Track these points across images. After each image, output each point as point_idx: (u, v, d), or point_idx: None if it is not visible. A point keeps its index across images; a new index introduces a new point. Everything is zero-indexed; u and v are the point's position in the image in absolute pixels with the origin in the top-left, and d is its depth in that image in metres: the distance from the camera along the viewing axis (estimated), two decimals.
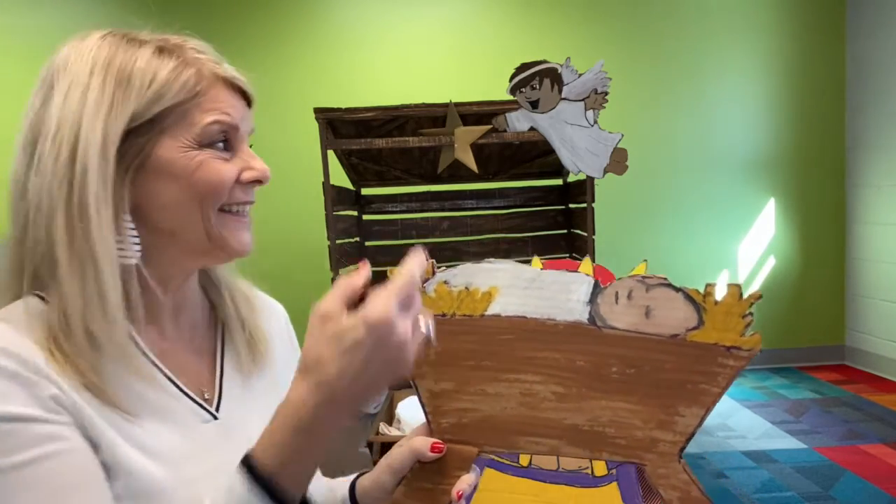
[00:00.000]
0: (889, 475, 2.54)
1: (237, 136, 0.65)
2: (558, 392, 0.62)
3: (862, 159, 4.00)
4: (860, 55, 3.97)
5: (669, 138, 4.06)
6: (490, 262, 0.63)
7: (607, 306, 0.61)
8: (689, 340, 0.60)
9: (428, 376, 0.65)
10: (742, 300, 0.58)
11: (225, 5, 3.91)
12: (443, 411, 0.65)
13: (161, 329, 0.67)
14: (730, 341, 0.59)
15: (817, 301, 4.18)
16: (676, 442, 0.61)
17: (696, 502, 0.60)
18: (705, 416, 0.61)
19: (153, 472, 0.58)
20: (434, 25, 4.01)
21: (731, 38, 4.06)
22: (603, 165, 1.53)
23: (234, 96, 0.65)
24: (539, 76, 1.48)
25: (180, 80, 0.61)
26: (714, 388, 0.60)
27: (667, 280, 0.60)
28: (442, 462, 0.64)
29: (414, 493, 0.65)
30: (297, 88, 3.90)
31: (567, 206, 2.97)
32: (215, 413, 0.67)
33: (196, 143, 0.62)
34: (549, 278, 0.62)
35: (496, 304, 0.63)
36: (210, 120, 0.62)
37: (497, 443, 0.64)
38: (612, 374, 0.61)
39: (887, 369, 3.84)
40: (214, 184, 0.63)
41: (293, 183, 3.19)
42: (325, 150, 2.11)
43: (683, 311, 0.59)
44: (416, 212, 2.99)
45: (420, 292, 0.60)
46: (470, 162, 1.81)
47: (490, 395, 0.64)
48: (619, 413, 0.62)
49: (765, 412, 3.33)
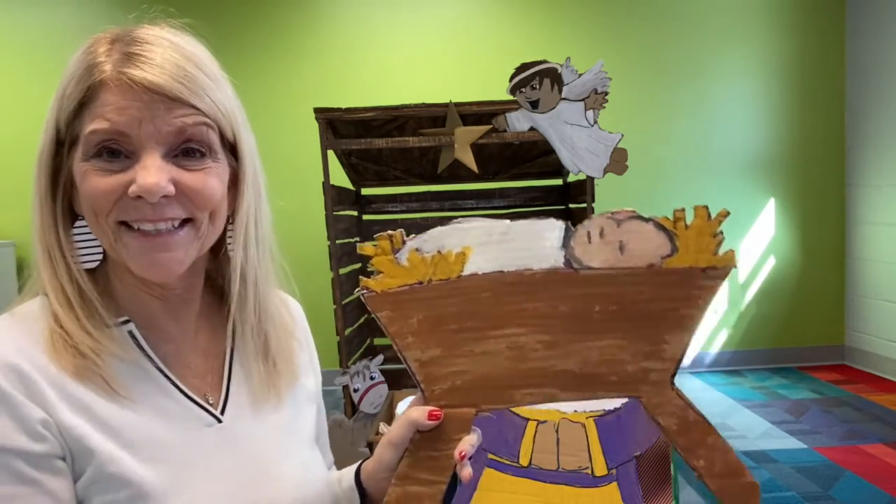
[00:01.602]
0: (889, 475, 2.54)
1: (135, 143, 0.57)
2: (545, 340, 0.63)
3: (862, 159, 4.00)
4: (860, 55, 3.97)
5: (669, 138, 4.06)
6: (459, 223, 0.63)
7: (581, 248, 0.61)
8: (666, 268, 0.61)
9: (414, 346, 0.64)
10: (711, 220, 0.60)
11: (225, 6, 3.91)
12: (434, 378, 0.64)
13: (163, 330, 0.67)
14: (705, 262, 0.60)
15: (817, 301, 4.18)
16: (666, 369, 0.62)
17: (694, 425, 0.61)
18: (689, 339, 0.62)
19: (151, 479, 0.58)
20: (434, 26, 4.01)
21: (731, 39, 4.06)
22: (603, 165, 1.53)
23: (131, 95, 0.56)
24: (539, 76, 1.48)
25: (78, 88, 0.58)
26: (695, 312, 0.61)
27: (636, 212, 0.62)
28: (441, 428, 0.64)
29: (419, 462, 0.64)
30: (297, 88, 3.90)
31: (567, 206, 2.97)
32: (219, 417, 0.66)
33: (84, 154, 0.58)
34: (520, 228, 0.62)
35: (471, 263, 0.62)
36: (88, 130, 0.57)
37: (493, 400, 0.64)
38: (595, 313, 0.62)
39: (887, 369, 3.84)
40: (90, 201, 0.58)
41: (293, 183, 3.19)
42: (325, 150, 2.11)
43: (656, 240, 0.61)
44: (416, 212, 2.99)
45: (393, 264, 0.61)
46: (470, 162, 1.81)
47: (478, 354, 0.63)
48: (608, 351, 0.62)
49: (765, 412, 3.33)
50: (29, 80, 3.81)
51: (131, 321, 0.64)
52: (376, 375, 2.00)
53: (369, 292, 0.63)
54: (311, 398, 0.79)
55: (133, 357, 0.62)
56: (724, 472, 0.60)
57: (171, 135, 0.58)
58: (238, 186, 0.66)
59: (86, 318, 0.60)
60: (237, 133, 0.65)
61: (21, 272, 3.81)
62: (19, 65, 3.88)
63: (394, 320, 0.63)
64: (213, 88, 0.61)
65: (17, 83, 3.87)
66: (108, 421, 0.58)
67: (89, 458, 0.56)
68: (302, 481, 0.69)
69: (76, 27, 3.81)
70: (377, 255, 0.63)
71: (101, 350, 0.59)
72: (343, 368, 2.06)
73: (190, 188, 0.59)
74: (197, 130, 0.59)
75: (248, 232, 0.67)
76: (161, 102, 0.57)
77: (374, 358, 2.02)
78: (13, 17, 3.87)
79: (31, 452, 0.54)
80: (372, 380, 1.99)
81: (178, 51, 0.59)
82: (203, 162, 0.61)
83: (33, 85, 3.80)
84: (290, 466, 0.69)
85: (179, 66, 0.58)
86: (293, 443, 0.72)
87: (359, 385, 1.96)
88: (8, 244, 3.75)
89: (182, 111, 0.58)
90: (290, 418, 0.72)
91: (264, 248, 0.70)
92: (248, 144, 0.67)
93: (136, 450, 0.58)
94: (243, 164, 0.66)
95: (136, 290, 0.65)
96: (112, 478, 0.57)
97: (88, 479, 0.57)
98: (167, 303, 0.66)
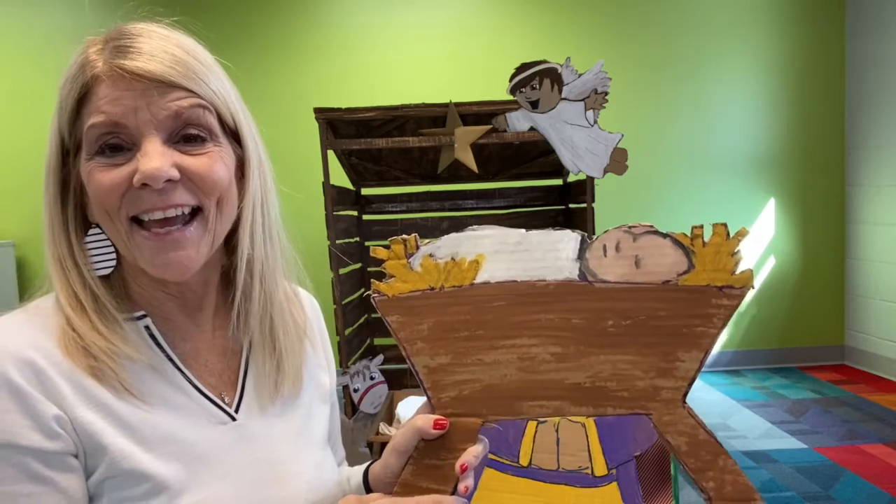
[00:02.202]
0: (889, 475, 2.54)
1: (134, 132, 0.57)
2: (556, 352, 0.62)
3: (862, 159, 4.00)
4: (860, 55, 3.97)
5: (670, 138, 4.06)
6: (474, 230, 0.62)
7: (596, 260, 0.61)
8: (682, 285, 0.60)
9: (423, 352, 0.63)
10: (730, 238, 0.59)
11: (225, 6, 3.91)
12: (442, 386, 0.63)
13: (181, 329, 0.67)
14: (721, 281, 0.59)
15: (817, 301, 4.18)
16: (679, 388, 0.61)
17: (704, 445, 0.60)
18: (705, 358, 0.61)
19: (166, 474, 0.58)
20: (434, 26, 4.01)
21: (732, 39, 4.06)
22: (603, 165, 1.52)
23: (125, 85, 0.56)
24: (539, 76, 1.47)
25: (73, 88, 0.58)
26: (711, 330, 0.60)
27: (653, 227, 0.60)
28: (446, 437, 0.63)
29: (422, 471, 0.64)
30: (297, 88, 3.90)
31: (567, 206, 2.97)
32: (234, 415, 0.66)
33: (87, 153, 0.58)
34: (535, 239, 0.62)
35: (484, 271, 0.62)
36: (87, 125, 0.57)
37: (500, 411, 0.63)
38: (609, 327, 0.61)
39: (887, 369, 3.84)
40: (99, 198, 0.58)
41: (293, 183, 3.18)
42: (325, 150, 2.11)
43: (672, 256, 0.60)
44: (416, 212, 2.99)
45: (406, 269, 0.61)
46: (470, 162, 1.81)
47: (488, 363, 0.63)
48: (619, 366, 0.61)
49: (765, 412, 3.33)
50: (28, 82, 3.81)
51: (148, 316, 0.64)
52: (376, 375, 2.00)
53: (380, 296, 0.62)
54: (325, 397, 0.78)
55: (148, 355, 0.62)
56: (734, 495, 0.59)
57: (168, 119, 0.58)
58: (244, 173, 0.65)
59: (100, 321, 0.60)
60: (236, 118, 0.64)
61: (21, 272, 3.80)
62: (19, 66, 3.88)
63: (404, 325, 0.63)
64: (206, 73, 0.61)
65: (16, 84, 3.87)
66: (122, 417, 0.58)
67: (102, 455, 0.56)
68: (315, 482, 0.69)
69: (76, 28, 3.78)
70: (390, 259, 0.62)
71: (114, 352, 0.59)
72: (343, 368, 2.06)
73: (194, 172, 0.59)
74: (193, 113, 0.59)
75: (254, 219, 0.66)
76: (154, 89, 0.57)
77: (374, 358, 2.02)
78: (12, 18, 3.87)
79: (44, 450, 0.55)
80: (372, 380, 1.99)
81: (167, 40, 0.59)
82: (205, 146, 0.60)
83: (33, 86, 3.80)
84: (304, 466, 0.69)
85: (169, 52, 0.58)
86: (306, 443, 0.71)
87: (359, 385, 1.96)
88: (8, 244, 3.75)
89: (176, 94, 0.58)
90: (304, 418, 0.72)
91: (272, 236, 0.69)
92: (250, 130, 0.66)
93: (150, 446, 0.58)
94: (247, 149, 0.65)
95: (152, 290, 0.65)
96: (127, 474, 0.57)
97: (101, 476, 0.57)
98: (184, 300, 0.66)
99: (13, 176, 3.78)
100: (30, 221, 3.78)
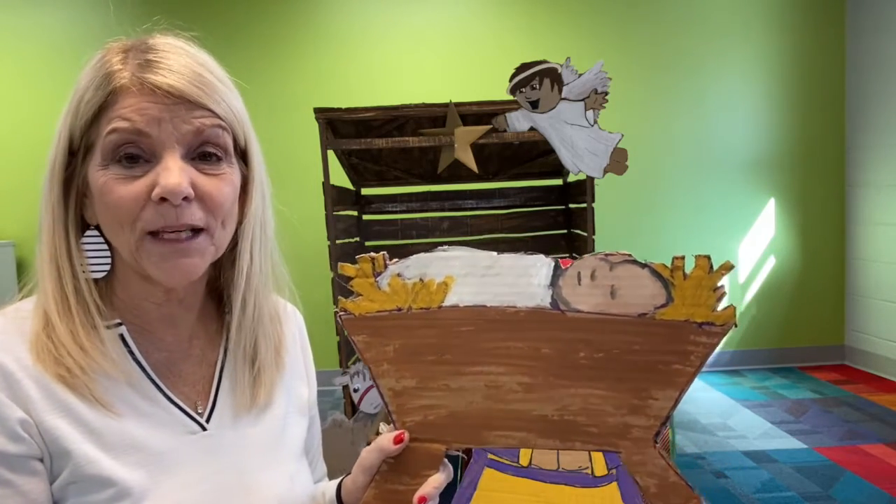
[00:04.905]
0: (889, 475, 2.54)
1: (156, 143, 0.58)
2: (524, 382, 0.59)
3: (862, 159, 4.00)
4: (860, 55, 3.97)
5: (669, 138, 4.06)
6: (444, 250, 0.61)
7: (570, 288, 0.58)
8: (659, 319, 0.56)
9: (389, 374, 0.61)
10: (713, 272, 0.56)
11: (225, 6, 3.91)
12: (407, 410, 0.62)
13: (157, 339, 0.67)
14: (701, 317, 0.56)
15: (817, 301, 4.18)
16: (651, 427, 0.58)
17: (674, 487, 0.58)
18: (680, 397, 0.58)
19: (128, 481, 0.58)
20: (434, 26, 4.01)
21: (731, 39, 4.06)
22: (603, 165, 1.53)
23: (151, 98, 0.57)
24: (539, 76, 1.47)
25: (97, 94, 0.58)
26: (688, 368, 0.57)
27: (631, 256, 0.57)
28: (410, 462, 0.62)
29: (383, 495, 0.62)
30: (297, 88, 3.90)
31: (567, 206, 2.97)
32: (205, 424, 0.66)
33: (103, 160, 0.58)
34: (506, 263, 0.60)
35: (453, 294, 0.60)
36: (108, 129, 0.57)
37: (465, 439, 0.61)
38: (580, 359, 0.58)
39: (887, 369, 3.84)
40: (115, 210, 0.58)
41: (293, 183, 3.19)
42: (325, 150, 2.11)
43: (651, 288, 0.56)
44: (416, 212, 2.99)
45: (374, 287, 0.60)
46: (470, 162, 1.81)
47: (454, 389, 0.61)
48: (590, 400, 0.59)
49: (765, 412, 3.33)
50: (28, 83, 3.81)
51: (123, 325, 0.64)
52: None
53: (346, 314, 0.61)
54: (303, 409, 0.78)
55: (122, 364, 0.62)
56: None
57: (189, 134, 0.59)
58: (247, 192, 0.67)
59: (81, 328, 0.60)
60: (248, 139, 0.66)
61: (21, 272, 3.81)
62: (19, 68, 3.88)
63: (370, 346, 0.61)
64: (228, 94, 0.63)
65: (16, 86, 3.87)
66: (89, 423, 0.58)
67: (67, 459, 0.57)
68: (286, 494, 0.68)
69: (75, 33, 3.80)
70: (358, 277, 0.61)
71: (90, 367, 0.59)
72: (343, 368, 2.06)
73: (206, 193, 0.60)
74: (213, 132, 0.60)
75: (254, 237, 0.67)
76: (182, 105, 0.58)
77: None
78: (11, 20, 3.87)
79: (7, 454, 0.55)
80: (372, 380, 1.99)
81: (192, 58, 0.61)
82: (219, 167, 0.62)
83: (32, 88, 3.81)
84: (276, 477, 0.69)
85: (196, 72, 0.60)
86: (279, 454, 0.71)
87: (359, 385, 1.96)
88: (8, 244, 3.75)
89: (200, 113, 0.59)
90: (278, 429, 0.72)
91: (266, 253, 0.70)
92: (257, 151, 0.68)
93: (116, 453, 0.59)
94: (253, 170, 0.67)
95: (137, 298, 0.65)
96: (91, 479, 0.57)
97: (65, 480, 0.57)
98: (167, 309, 0.66)
99: (13, 176, 3.78)
100: (30, 221, 3.78)
